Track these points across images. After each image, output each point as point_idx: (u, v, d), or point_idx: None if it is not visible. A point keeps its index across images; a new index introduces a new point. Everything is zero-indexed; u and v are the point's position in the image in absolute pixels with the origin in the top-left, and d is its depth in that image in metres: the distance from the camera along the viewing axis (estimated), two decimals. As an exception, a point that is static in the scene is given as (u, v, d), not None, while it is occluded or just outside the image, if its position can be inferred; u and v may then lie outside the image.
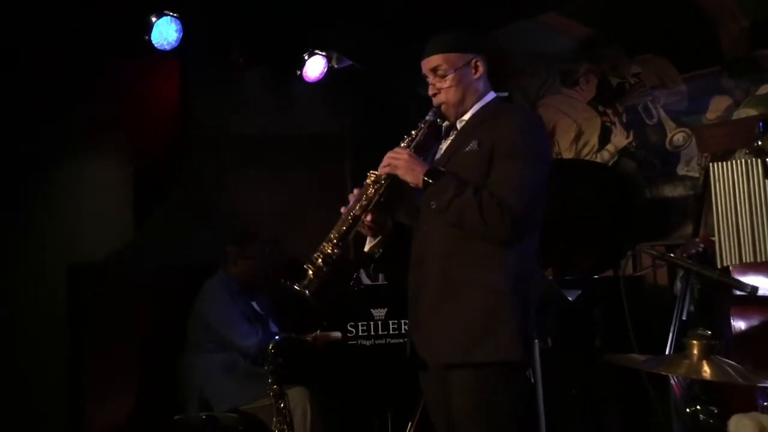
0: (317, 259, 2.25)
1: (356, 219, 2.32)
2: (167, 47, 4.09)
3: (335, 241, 2.29)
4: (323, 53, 4.85)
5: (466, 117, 2.45)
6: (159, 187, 4.42)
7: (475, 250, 2.27)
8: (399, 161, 2.32)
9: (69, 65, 4.02)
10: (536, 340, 2.78)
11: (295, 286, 2.20)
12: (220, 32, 4.45)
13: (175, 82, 4.57)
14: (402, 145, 2.40)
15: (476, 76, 2.43)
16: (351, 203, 2.36)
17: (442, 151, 2.48)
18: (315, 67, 4.87)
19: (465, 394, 2.26)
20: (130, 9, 4.02)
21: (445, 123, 2.51)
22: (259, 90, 4.95)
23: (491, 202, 2.19)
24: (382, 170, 2.34)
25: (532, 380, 2.36)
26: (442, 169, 2.33)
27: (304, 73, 4.83)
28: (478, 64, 2.44)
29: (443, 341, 2.28)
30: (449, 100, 2.42)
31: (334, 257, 2.26)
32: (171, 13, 4.03)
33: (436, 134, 2.54)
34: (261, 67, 4.82)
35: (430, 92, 2.45)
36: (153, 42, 4.02)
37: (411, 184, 2.32)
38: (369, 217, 2.37)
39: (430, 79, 2.44)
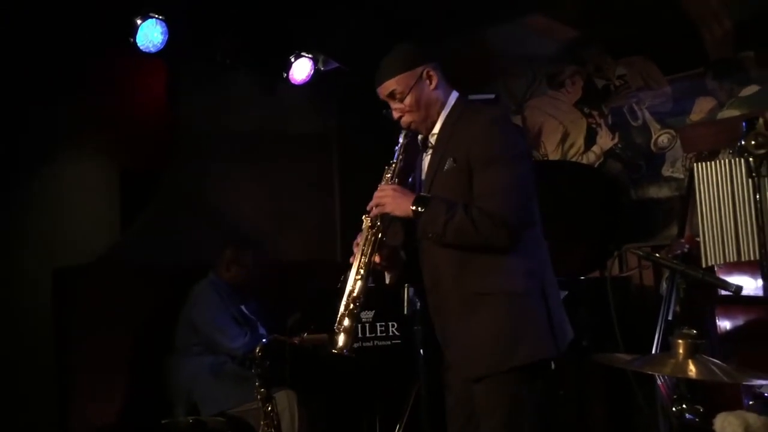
0: (343, 320, 2.28)
1: (368, 266, 2.34)
2: (153, 50, 4.07)
3: (355, 295, 2.31)
4: (309, 55, 4.84)
5: (436, 130, 2.47)
6: (145, 188, 4.40)
7: (483, 260, 2.31)
8: (385, 199, 2.35)
9: (54, 66, 3.99)
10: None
11: (334, 351, 2.25)
12: (205, 34, 4.44)
13: (161, 83, 4.55)
14: (386, 176, 2.43)
15: (432, 87, 2.44)
16: (356, 253, 2.37)
17: (425, 169, 2.51)
18: (301, 69, 4.85)
19: (491, 394, 2.29)
20: (116, 9, 3.99)
21: (420, 136, 2.53)
22: (245, 91, 4.94)
23: (482, 217, 2.23)
24: (373, 212, 2.37)
25: (553, 366, 2.40)
26: (428, 195, 2.36)
27: (290, 76, 4.81)
28: (431, 74, 2.43)
29: (474, 355, 2.32)
30: (415, 119, 2.45)
31: (358, 311, 2.29)
32: (156, 15, 4.00)
33: (417, 146, 2.57)
34: (248, 67, 4.80)
35: (395, 116, 2.47)
36: (138, 44, 4.00)
37: (403, 218, 2.35)
38: (378, 259, 2.39)
39: (391, 104, 2.46)
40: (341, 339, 2.25)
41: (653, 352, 2.93)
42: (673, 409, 2.11)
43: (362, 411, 3.89)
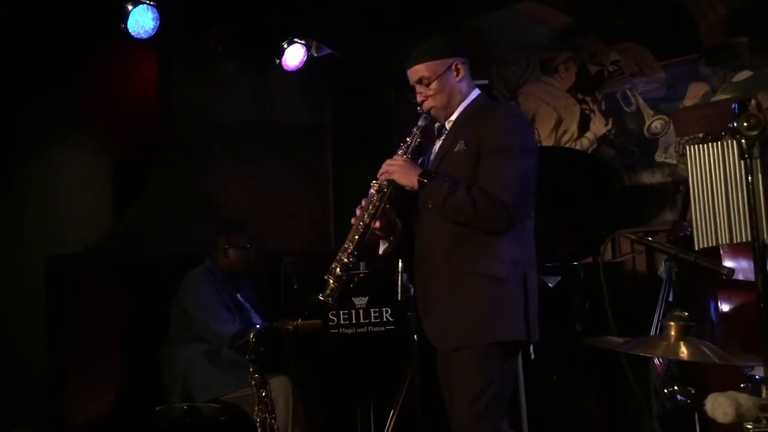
0: (335, 269, 2.40)
1: (367, 227, 2.46)
2: (144, 36, 4.06)
3: (350, 250, 2.43)
4: (302, 42, 4.82)
5: (454, 117, 2.61)
6: (138, 177, 4.39)
7: (474, 242, 2.43)
8: (395, 167, 2.48)
9: (46, 56, 3.98)
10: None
11: (319, 297, 2.38)
12: (197, 20, 4.42)
13: (153, 71, 4.53)
14: (399, 152, 2.54)
15: (458, 79, 2.59)
16: (359, 213, 2.49)
17: (435, 151, 2.65)
18: (294, 55, 4.84)
19: (463, 368, 2.41)
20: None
21: (437, 123, 2.67)
22: (238, 79, 4.92)
23: (482, 196, 2.37)
24: (381, 177, 2.49)
25: (533, 357, 2.52)
26: (435, 171, 2.50)
27: (283, 62, 4.81)
28: (459, 67, 2.59)
29: (452, 327, 2.46)
30: (436, 105, 2.59)
31: (351, 265, 2.42)
32: (147, 1, 3.99)
33: (431, 135, 2.69)
34: (240, 55, 4.78)
35: (418, 99, 2.61)
36: (130, 30, 3.98)
37: (408, 188, 2.47)
38: (378, 224, 2.50)
39: (417, 87, 2.61)
40: (329, 286, 2.38)
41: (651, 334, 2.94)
42: (665, 390, 2.12)
43: (357, 396, 3.90)
